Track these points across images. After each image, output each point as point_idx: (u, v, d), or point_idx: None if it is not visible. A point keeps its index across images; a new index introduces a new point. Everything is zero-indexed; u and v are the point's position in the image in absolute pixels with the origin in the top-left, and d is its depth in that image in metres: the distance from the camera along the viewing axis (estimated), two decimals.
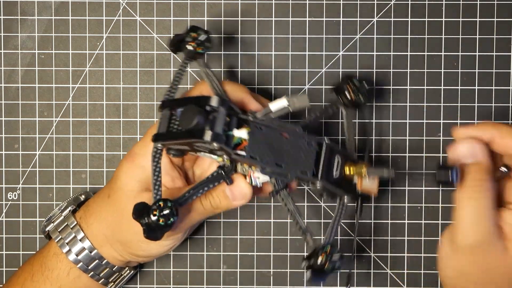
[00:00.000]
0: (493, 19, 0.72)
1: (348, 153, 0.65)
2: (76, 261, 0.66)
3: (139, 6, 0.72)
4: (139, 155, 0.65)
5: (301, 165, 0.62)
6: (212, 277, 0.73)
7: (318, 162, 0.62)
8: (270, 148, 0.61)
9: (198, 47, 0.63)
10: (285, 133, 0.62)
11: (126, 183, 0.65)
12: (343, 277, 0.73)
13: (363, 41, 0.72)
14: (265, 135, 0.61)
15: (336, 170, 0.63)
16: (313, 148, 0.62)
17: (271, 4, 0.72)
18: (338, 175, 0.63)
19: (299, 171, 0.61)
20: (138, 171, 0.64)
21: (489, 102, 0.73)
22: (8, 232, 0.73)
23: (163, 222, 0.58)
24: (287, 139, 0.62)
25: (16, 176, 0.73)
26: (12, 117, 0.73)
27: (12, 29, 0.73)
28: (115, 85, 0.73)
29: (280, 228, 0.73)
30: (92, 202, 0.68)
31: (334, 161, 0.63)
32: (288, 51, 0.72)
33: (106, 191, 0.67)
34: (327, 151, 0.63)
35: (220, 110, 0.58)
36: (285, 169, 0.61)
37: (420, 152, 0.73)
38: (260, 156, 0.60)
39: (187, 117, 0.57)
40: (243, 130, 0.60)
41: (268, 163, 0.60)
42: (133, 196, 0.64)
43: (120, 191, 0.65)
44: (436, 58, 0.72)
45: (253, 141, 0.60)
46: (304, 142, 0.62)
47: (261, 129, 0.61)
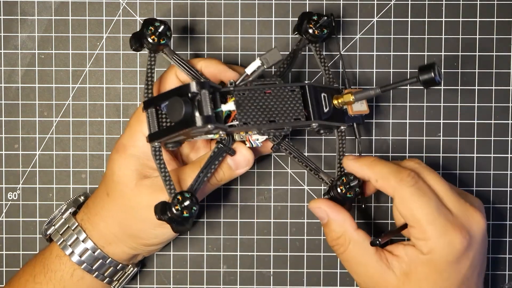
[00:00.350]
0: (493, 19, 0.72)
1: (331, 87, 0.66)
2: (80, 262, 0.66)
3: (139, 6, 0.72)
4: (129, 145, 0.65)
5: (292, 113, 0.63)
6: (212, 277, 0.73)
7: (306, 104, 0.63)
8: (259, 109, 0.62)
9: (160, 39, 0.63)
10: (267, 90, 0.63)
11: (123, 176, 0.65)
12: (343, 276, 0.73)
13: (363, 41, 0.72)
14: (249, 98, 0.62)
15: (325, 106, 0.64)
16: (298, 94, 0.63)
17: (271, 4, 0.72)
18: (328, 109, 0.65)
19: (292, 119, 0.63)
20: (131, 162, 0.64)
21: (489, 102, 0.73)
22: (8, 232, 0.73)
23: (188, 213, 0.60)
24: (270, 94, 0.63)
25: (16, 176, 0.73)
26: (12, 117, 0.73)
27: (12, 29, 0.73)
28: (115, 85, 0.73)
29: (280, 228, 0.73)
30: (91, 203, 0.68)
31: (321, 99, 0.64)
32: (288, 51, 0.72)
33: (103, 189, 0.67)
34: (312, 92, 0.64)
35: (202, 92, 0.59)
36: (279, 122, 0.62)
37: (420, 152, 0.73)
38: (252, 119, 0.62)
39: (175, 109, 0.58)
40: (229, 102, 0.62)
41: (261, 123, 0.62)
42: (132, 187, 0.64)
43: (118, 186, 0.65)
44: (436, 58, 0.72)
45: (241, 108, 0.62)
46: (287, 91, 0.63)
47: (244, 94, 0.62)
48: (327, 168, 0.73)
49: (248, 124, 0.62)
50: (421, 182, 0.63)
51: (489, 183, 0.73)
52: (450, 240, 0.61)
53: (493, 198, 0.73)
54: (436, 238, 0.61)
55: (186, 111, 0.58)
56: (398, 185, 0.62)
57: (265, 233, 0.73)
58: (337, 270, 0.73)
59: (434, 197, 0.62)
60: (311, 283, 0.73)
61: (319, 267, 0.73)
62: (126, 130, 0.66)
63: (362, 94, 0.64)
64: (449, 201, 0.63)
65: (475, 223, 0.63)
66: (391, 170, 0.63)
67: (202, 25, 0.72)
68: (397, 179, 0.62)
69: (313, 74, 0.73)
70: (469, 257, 0.62)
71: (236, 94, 0.62)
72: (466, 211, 0.63)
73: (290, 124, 0.63)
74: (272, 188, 0.73)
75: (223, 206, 0.73)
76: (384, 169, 0.63)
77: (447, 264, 0.62)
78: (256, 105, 0.62)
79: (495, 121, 0.73)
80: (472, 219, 0.63)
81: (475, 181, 0.73)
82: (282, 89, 0.63)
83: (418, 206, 0.62)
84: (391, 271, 0.63)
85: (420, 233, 0.62)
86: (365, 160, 0.65)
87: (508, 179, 0.73)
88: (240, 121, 0.61)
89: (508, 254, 0.73)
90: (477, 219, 0.63)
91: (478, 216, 0.63)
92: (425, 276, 0.62)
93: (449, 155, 0.73)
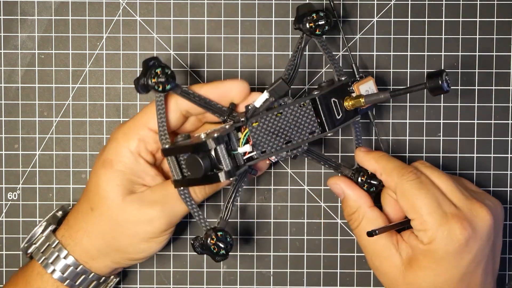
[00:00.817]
0: (493, 19, 0.72)
1: (339, 84, 0.66)
2: (62, 279, 0.66)
3: (139, 6, 0.72)
4: (115, 161, 0.64)
5: (306, 128, 0.64)
6: (212, 277, 0.73)
7: (319, 115, 0.64)
8: (274, 134, 0.64)
9: (165, 85, 0.62)
10: (278, 112, 0.64)
11: (110, 191, 0.64)
12: (343, 276, 0.73)
13: (363, 41, 0.72)
14: (262, 126, 0.64)
15: (338, 112, 0.65)
16: (309, 106, 0.64)
17: (271, 4, 0.72)
18: (341, 113, 0.65)
19: (308, 135, 0.64)
20: (118, 177, 0.64)
21: (489, 102, 0.73)
22: (8, 232, 0.73)
23: (224, 250, 0.63)
24: (282, 115, 0.64)
25: (16, 176, 0.73)
26: (12, 117, 0.73)
27: (12, 29, 0.73)
28: (115, 85, 0.73)
29: (280, 228, 0.73)
30: (73, 218, 0.67)
31: (332, 106, 0.65)
32: (288, 51, 0.72)
33: (86, 204, 0.66)
34: (322, 101, 0.64)
35: (219, 148, 0.61)
36: (295, 141, 0.64)
37: (420, 152, 0.73)
38: (268, 146, 0.64)
39: (194, 167, 0.61)
40: (243, 134, 0.63)
41: (278, 148, 0.64)
42: (119, 202, 0.64)
43: (104, 201, 0.64)
44: (436, 58, 0.72)
45: (256, 138, 0.63)
46: (297, 107, 0.64)
47: (257, 123, 0.63)
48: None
49: (265, 152, 0.64)
50: (423, 177, 0.64)
51: (489, 183, 0.73)
52: (450, 230, 0.62)
53: None
54: (435, 228, 0.62)
55: (206, 167, 0.60)
56: (399, 179, 0.64)
57: (265, 233, 0.73)
58: (337, 270, 0.73)
59: (435, 190, 0.63)
60: (311, 283, 0.73)
61: (319, 267, 0.73)
62: (111, 144, 0.65)
63: (372, 98, 0.64)
64: (453, 196, 0.64)
65: (480, 218, 0.63)
66: (395, 166, 0.65)
67: (202, 25, 0.72)
68: (399, 174, 0.64)
69: (313, 74, 0.73)
70: (471, 251, 0.62)
71: (249, 124, 0.63)
72: (471, 206, 0.63)
73: (306, 141, 0.64)
74: (272, 188, 0.73)
75: (223, 206, 0.73)
76: (389, 164, 0.65)
77: (446, 255, 0.62)
78: (270, 131, 0.64)
79: (495, 121, 0.73)
80: (477, 214, 0.63)
81: (475, 181, 0.73)
82: (292, 107, 0.64)
83: (418, 197, 0.63)
84: (398, 253, 0.65)
85: (420, 224, 0.63)
86: (374, 154, 0.67)
87: (508, 179, 0.73)
88: (257, 151, 0.63)
89: (508, 254, 0.73)
90: (483, 215, 0.63)
91: (484, 212, 0.63)
92: (425, 265, 0.63)
93: (449, 155, 0.73)
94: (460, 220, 0.62)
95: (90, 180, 0.66)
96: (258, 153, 0.64)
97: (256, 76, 0.72)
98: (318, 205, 0.73)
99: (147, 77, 0.62)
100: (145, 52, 0.72)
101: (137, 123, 0.65)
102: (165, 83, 0.62)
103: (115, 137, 0.65)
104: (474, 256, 0.62)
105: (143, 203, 0.64)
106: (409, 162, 0.73)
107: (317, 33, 0.65)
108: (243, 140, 0.63)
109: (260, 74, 0.72)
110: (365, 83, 0.67)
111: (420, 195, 0.63)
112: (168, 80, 0.62)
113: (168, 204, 0.64)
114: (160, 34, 0.72)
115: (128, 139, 0.64)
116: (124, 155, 0.64)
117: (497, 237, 0.66)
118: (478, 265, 0.63)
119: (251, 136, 0.63)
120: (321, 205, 0.73)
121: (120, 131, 0.65)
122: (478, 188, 0.69)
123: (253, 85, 0.72)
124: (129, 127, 0.65)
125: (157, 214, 0.64)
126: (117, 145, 0.64)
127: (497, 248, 0.66)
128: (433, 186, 0.64)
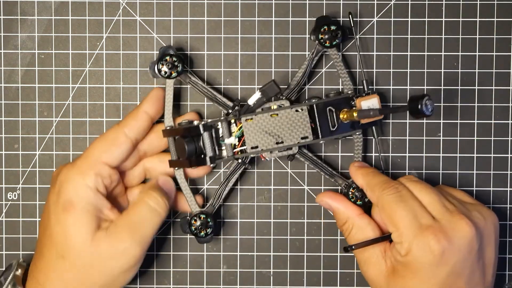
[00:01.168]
0: (493, 19, 0.72)
1: (341, 97, 0.69)
2: None
3: (139, 6, 0.72)
4: (76, 201, 0.64)
5: (300, 133, 0.67)
6: (212, 277, 0.73)
7: (314, 121, 0.68)
8: (266, 132, 0.67)
9: (172, 72, 0.69)
10: (274, 112, 0.67)
11: (78, 236, 0.64)
12: (343, 276, 0.73)
13: (363, 41, 0.72)
14: (256, 123, 0.67)
15: (333, 121, 0.68)
16: (305, 112, 0.67)
17: (271, 4, 0.72)
18: (336, 124, 0.68)
19: (300, 139, 0.67)
20: (83, 217, 0.64)
21: (489, 102, 0.73)
22: (8, 232, 0.73)
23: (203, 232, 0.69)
24: (278, 116, 0.67)
25: (16, 176, 0.73)
26: (12, 117, 0.73)
27: (12, 29, 0.73)
28: (115, 85, 0.73)
29: (280, 228, 0.73)
30: (39, 271, 0.65)
31: (328, 115, 0.68)
32: (288, 51, 0.72)
33: (53, 253, 0.64)
34: (319, 109, 0.68)
35: (204, 134, 0.66)
36: (286, 143, 0.67)
37: (420, 153, 0.73)
38: (260, 143, 0.67)
39: (181, 149, 0.67)
40: (235, 130, 0.67)
41: (268, 147, 0.67)
42: (90, 243, 0.64)
43: (75, 247, 0.64)
44: (436, 58, 0.72)
45: (248, 133, 0.67)
46: (293, 111, 0.67)
47: (252, 119, 0.67)
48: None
49: (256, 147, 0.67)
50: (405, 191, 0.66)
51: (489, 183, 0.73)
52: (424, 242, 0.62)
53: (493, 198, 0.73)
54: (410, 240, 0.63)
55: (189, 150, 0.65)
56: (380, 194, 0.66)
57: (265, 233, 0.73)
58: (337, 270, 0.73)
59: (415, 204, 0.65)
60: (311, 283, 0.73)
61: (319, 267, 0.73)
62: (66, 185, 0.64)
63: (364, 113, 0.66)
64: (433, 208, 0.65)
65: (458, 230, 0.63)
66: (379, 181, 0.67)
67: (202, 25, 0.72)
68: (380, 189, 0.66)
69: (314, 73, 0.73)
70: (448, 263, 0.62)
71: (243, 120, 0.67)
72: (450, 218, 0.63)
73: (298, 145, 0.68)
74: (272, 188, 0.73)
75: (223, 206, 0.73)
76: (374, 180, 0.68)
77: (422, 266, 0.63)
78: (263, 129, 0.67)
79: (495, 121, 0.73)
80: (455, 226, 0.63)
81: (475, 181, 0.73)
82: (288, 110, 0.67)
83: (396, 210, 0.64)
84: (384, 261, 0.66)
85: (397, 236, 0.64)
86: (363, 170, 0.69)
87: (508, 179, 0.73)
88: (248, 145, 0.67)
89: (508, 254, 0.73)
90: (461, 227, 0.63)
91: (463, 224, 0.63)
92: (404, 275, 0.64)
93: (449, 155, 0.73)
94: (435, 232, 0.62)
95: (52, 228, 0.64)
96: (248, 147, 0.67)
97: (256, 76, 0.72)
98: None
99: (158, 63, 0.68)
100: (145, 52, 0.72)
101: (90, 159, 0.65)
102: (171, 70, 0.68)
103: (68, 178, 0.64)
104: (452, 268, 0.63)
105: (112, 238, 0.64)
106: (409, 162, 0.73)
107: (327, 45, 0.69)
108: (237, 134, 0.66)
109: (260, 74, 0.72)
110: (369, 99, 0.69)
111: (398, 208, 0.64)
112: (176, 67, 0.68)
113: (136, 231, 0.65)
114: (160, 34, 0.72)
115: (85, 176, 0.64)
116: (84, 193, 0.64)
117: (487, 249, 0.65)
118: (459, 277, 0.63)
119: (244, 131, 0.66)
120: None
121: (72, 171, 0.65)
122: (473, 200, 0.69)
123: (253, 85, 0.72)
124: (82, 165, 0.65)
125: (129, 245, 0.64)
126: (75, 185, 0.64)
127: (487, 260, 0.65)
128: (412, 200, 0.65)
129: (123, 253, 0.64)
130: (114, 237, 0.64)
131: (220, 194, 0.70)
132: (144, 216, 0.65)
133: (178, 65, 0.68)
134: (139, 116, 0.68)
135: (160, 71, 0.68)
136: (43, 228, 0.66)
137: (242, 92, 0.72)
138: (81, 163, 0.65)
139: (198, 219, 0.69)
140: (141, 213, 0.65)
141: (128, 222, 0.65)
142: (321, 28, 0.69)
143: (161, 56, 0.68)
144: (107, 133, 0.67)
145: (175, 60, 0.68)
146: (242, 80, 0.72)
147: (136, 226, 0.65)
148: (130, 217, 0.65)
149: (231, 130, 0.67)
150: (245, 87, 0.73)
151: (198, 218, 0.69)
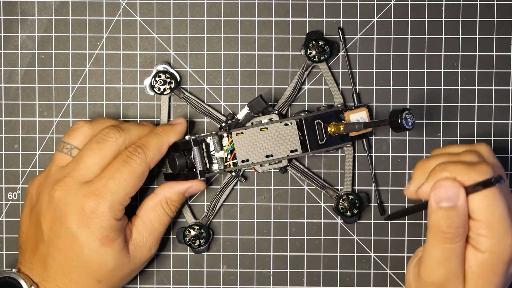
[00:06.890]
0: (493, 19, 0.72)
1: (330, 111, 0.70)
2: None
3: (139, 6, 0.72)
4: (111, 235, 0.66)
5: (289, 145, 0.69)
6: (212, 277, 0.73)
7: (303, 134, 0.69)
8: (256, 146, 0.69)
9: (165, 89, 0.71)
10: (264, 127, 0.69)
11: (119, 264, 0.67)
12: (343, 276, 0.73)
13: (363, 41, 0.72)
14: (247, 137, 0.68)
15: (321, 134, 0.70)
16: (294, 125, 0.69)
17: (271, 4, 0.72)
18: (324, 137, 0.69)
19: (289, 152, 0.69)
20: (118, 246, 0.67)
21: (489, 102, 0.73)
22: (8, 232, 0.73)
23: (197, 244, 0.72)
24: (267, 130, 0.69)
25: (16, 176, 0.73)
26: (12, 117, 0.73)
27: (12, 29, 0.73)
28: (115, 85, 0.73)
29: (280, 228, 0.73)
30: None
31: (316, 128, 0.69)
32: (288, 51, 0.72)
33: (86, 277, 0.67)
34: (308, 122, 0.69)
35: (194, 149, 0.68)
36: (276, 156, 0.69)
37: (420, 152, 0.73)
38: (250, 156, 0.68)
39: (172, 163, 0.69)
40: (226, 144, 0.69)
41: (258, 160, 0.69)
42: (127, 265, 0.68)
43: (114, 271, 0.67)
44: (436, 58, 0.72)
45: (239, 147, 0.68)
46: (282, 125, 0.69)
47: (242, 133, 0.68)
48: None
49: (246, 161, 0.68)
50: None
51: None
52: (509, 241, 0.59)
53: None
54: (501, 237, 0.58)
55: (180, 165, 0.68)
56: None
57: (265, 233, 0.73)
58: (337, 270, 0.73)
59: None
60: (311, 283, 0.73)
61: (319, 267, 0.73)
62: (98, 220, 0.66)
63: (350, 127, 0.68)
64: None
65: None
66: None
67: (202, 25, 0.72)
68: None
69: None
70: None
71: (234, 134, 0.68)
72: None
73: (287, 158, 0.69)
74: (272, 188, 0.73)
75: (223, 206, 0.73)
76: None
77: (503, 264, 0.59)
78: (253, 143, 0.69)
79: (495, 121, 0.73)
80: None
81: None
82: (278, 124, 0.69)
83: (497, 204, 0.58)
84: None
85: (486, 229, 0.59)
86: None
87: (508, 180, 0.73)
88: (239, 159, 0.68)
89: None
90: None
91: None
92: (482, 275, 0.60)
93: None
94: None
95: (89, 258, 0.66)
96: (239, 161, 0.68)
97: (256, 76, 0.73)
98: (318, 205, 0.73)
99: (152, 79, 0.71)
100: (145, 52, 0.72)
101: (121, 194, 0.66)
102: (164, 86, 0.71)
103: (100, 214, 0.65)
104: None
105: (141, 248, 0.69)
106: (409, 162, 0.73)
107: (315, 60, 0.70)
108: (228, 147, 0.68)
109: (260, 74, 0.73)
110: (357, 113, 0.70)
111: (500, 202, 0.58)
112: (169, 84, 0.71)
113: (155, 234, 0.69)
114: (160, 34, 0.72)
115: (116, 212, 0.66)
116: (115, 226, 0.66)
117: None
118: None
119: (234, 145, 0.68)
120: (321, 205, 0.73)
121: (102, 205, 0.65)
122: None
123: (253, 85, 0.72)
124: (114, 200, 0.66)
125: (155, 250, 0.70)
126: (109, 221, 0.66)
127: None
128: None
129: (150, 256, 0.70)
130: (142, 245, 0.68)
131: (214, 206, 0.72)
132: (161, 220, 0.69)
133: (171, 82, 0.71)
134: (163, 150, 0.69)
135: (153, 87, 0.71)
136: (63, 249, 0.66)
137: (242, 93, 0.72)
138: (112, 198, 0.66)
139: (193, 230, 0.71)
140: (158, 218, 0.69)
141: (149, 228, 0.69)
142: (309, 43, 0.70)
143: (155, 73, 0.71)
144: (135, 167, 0.66)
145: (168, 77, 0.71)
146: (242, 80, 0.73)
147: (156, 231, 0.69)
148: (152, 224, 0.69)
149: (223, 144, 0.69)
150: (245, 87, 0.73)
151: (192, 229, 0.71)
